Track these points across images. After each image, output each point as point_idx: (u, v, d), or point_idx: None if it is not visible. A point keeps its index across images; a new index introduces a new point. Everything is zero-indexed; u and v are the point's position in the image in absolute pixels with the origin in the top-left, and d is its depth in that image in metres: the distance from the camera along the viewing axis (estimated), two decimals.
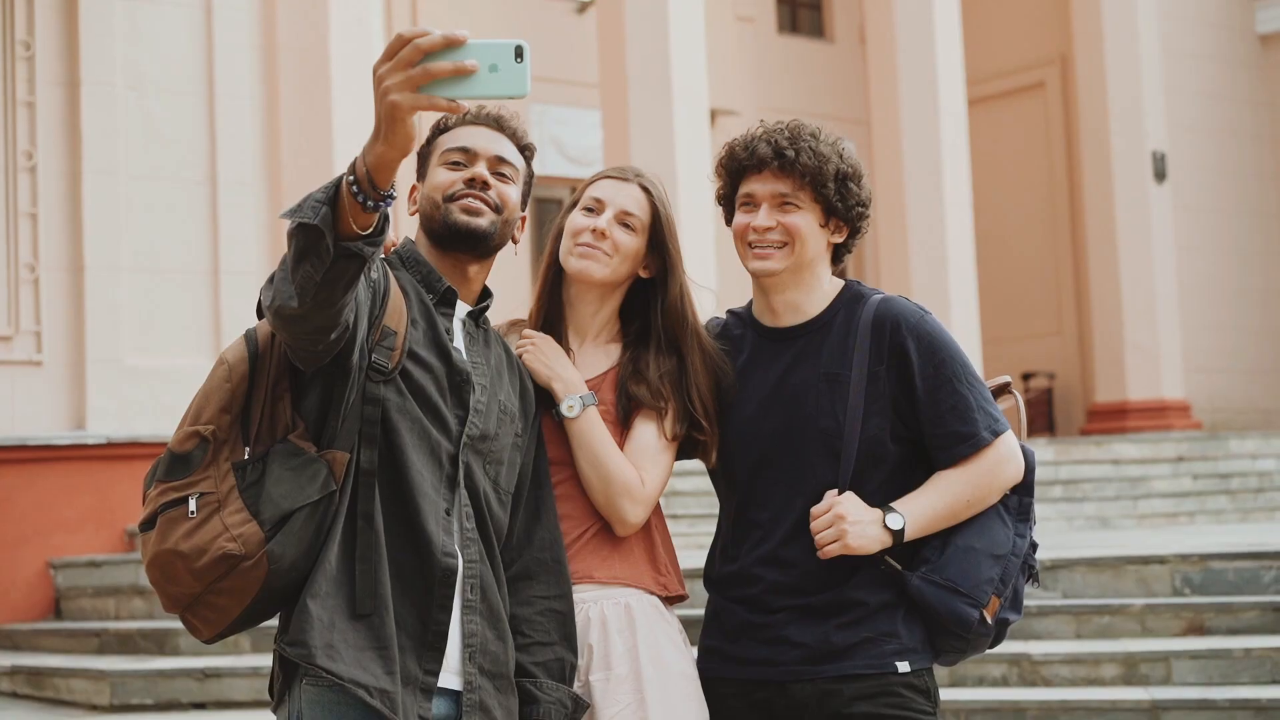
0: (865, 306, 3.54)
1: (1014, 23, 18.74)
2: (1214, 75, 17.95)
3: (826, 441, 3.47)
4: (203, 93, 10.03)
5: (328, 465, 2.96)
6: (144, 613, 8.77)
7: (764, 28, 18.12)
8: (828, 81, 18.36)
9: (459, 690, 3.09)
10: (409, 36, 2.58)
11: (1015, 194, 18.34)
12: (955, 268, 14.49)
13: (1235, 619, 7.26)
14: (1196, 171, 17.54)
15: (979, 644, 3.51)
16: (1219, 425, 16.89)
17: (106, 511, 9.59)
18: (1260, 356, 17.97)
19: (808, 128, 3.54)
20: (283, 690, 3.04)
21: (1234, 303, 17.78)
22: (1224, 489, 13.52)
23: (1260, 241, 18.12)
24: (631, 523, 3.47)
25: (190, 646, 8.07)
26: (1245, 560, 7.59)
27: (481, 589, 3.14)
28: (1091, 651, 7.03)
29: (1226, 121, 17.97)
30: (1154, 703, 6.57)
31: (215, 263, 9.98)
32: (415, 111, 2.60)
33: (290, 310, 2.77)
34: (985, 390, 3.54)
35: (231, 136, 10.14)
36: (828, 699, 3.42)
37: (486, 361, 3.29)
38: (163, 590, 3.01)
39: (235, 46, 10.23)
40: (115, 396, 9.67)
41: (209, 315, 9.97)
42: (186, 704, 7.57)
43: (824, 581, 3.45)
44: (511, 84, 2.59)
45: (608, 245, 3.50)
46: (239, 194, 10.12)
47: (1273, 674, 6.83)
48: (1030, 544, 3.54)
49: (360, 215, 2.70)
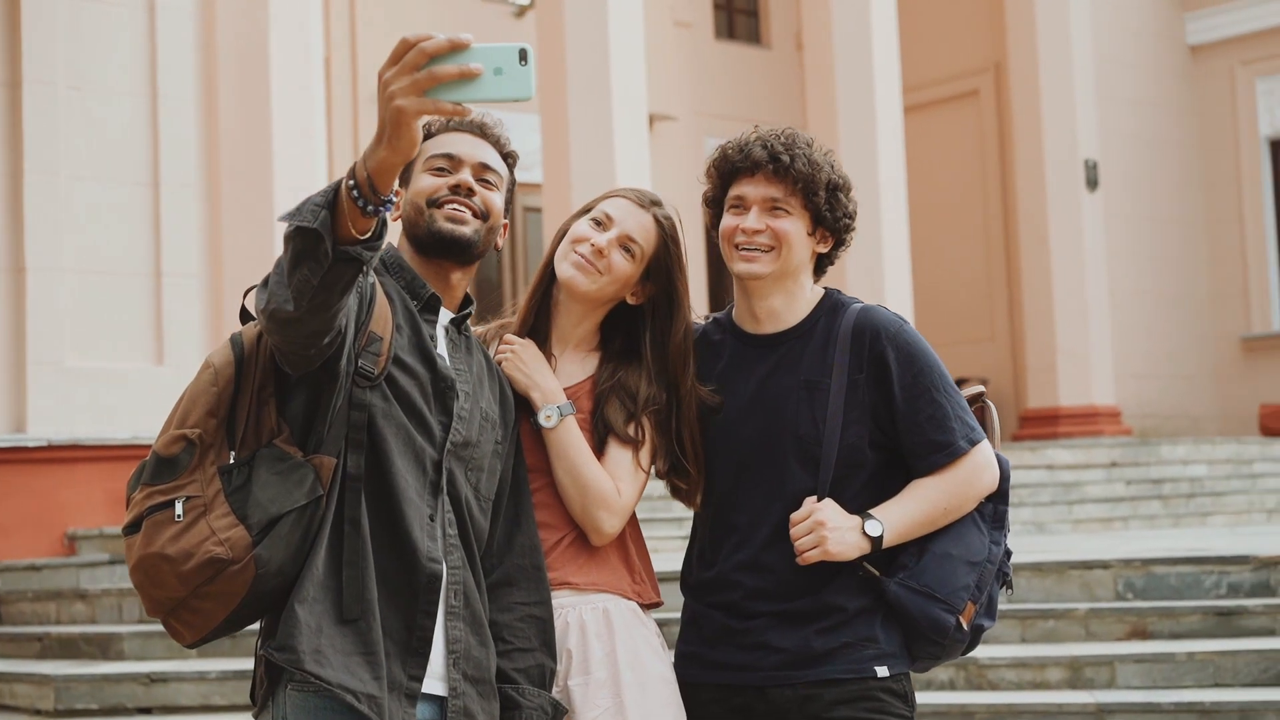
0: (845, 315, 3.57)
1: (949, 31, 18.87)
2: (1145, 85, 18.15)
3: (805, 448, 3.50)
4: (146, 93, 9.95)
5: (315, 470, 2.96)
6: (86, 617, 8.70)
7: (701, 33, 18.18)
8: (764, 87, 18.43)
9: (443, 696, 3.10)
10: (414, 41, 2.58)
11: (949, 201, 18.47)
12: (890, 273, 14.57)
13: (1177, 623, 7.35)
14: (1128, 179, 17.73)
15: (954, 649, 3.55)
16: (1148, 431, 17.07)
17: (47, 514, 9.51)
18: (1187, 363, 18.18)
19: (802, 136, 3.58)
20: (266, 695, 3.03)
21: (1162, 310, 17.98)
22: (1157, 494, 13.67)
23: (1188, 249, 18.33)
24: (607, 533, 3.49)
25: (134, 651, 8.01)
26: (1186, 565, 7.68)
27: (465, 595, 3.16)
28: (1037, 655, 7.10)
29: (1157, 130, 18.17)
30: (1100, 706, 6.64)
31: (157, 265, 9.91)
32: (420, 115, 2.61)
33: (285, 314, 2.77)
34: (962, 400, 3.58)
35: (174, 138, 10.07)
36: (808, 703, 3.45)
37: (469, 368, 3.30)
38: (147, 594, 3.00)
39: (179, 47, 10.16)
40: (56, 398, 9.58)
41: (150, 318, 9.90)
42: (132, 709, 7.50)
43: (803, 587, 3.48)
44: (516, 87, 2.60)
45: (602, 264, 3.52)
46: (182, 196, 10.05)
47: (1215, 677, 6.90)
48: (1005, 551, 3.59)
49: (360, 219, 2.71)
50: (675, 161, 16.76)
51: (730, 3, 18.95)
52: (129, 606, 8.52)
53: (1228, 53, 18.50)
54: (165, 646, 7.97)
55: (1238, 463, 14.88)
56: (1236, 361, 18.35)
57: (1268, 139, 18.38)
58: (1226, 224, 18.47)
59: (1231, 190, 18.45)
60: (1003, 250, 18.27)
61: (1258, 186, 18.35)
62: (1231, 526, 13.20)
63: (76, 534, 9.48)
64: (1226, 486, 14.31)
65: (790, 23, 18.72)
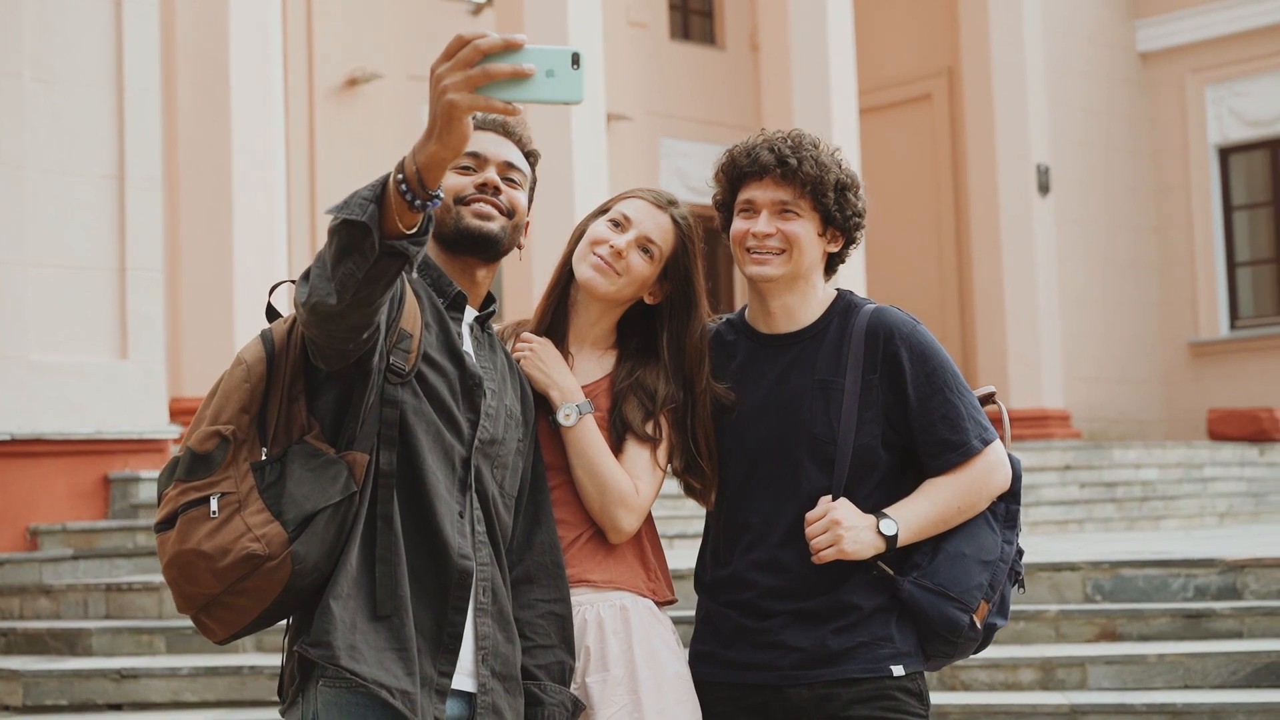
0: (859, 316, 3.61)
1: (902, 35, 18.98)
2: (1096, 91, 18.30)
3: (819, 448, 3.53)
4: (112, 87, 9.87)
5: (349, 467, 2.97)
6: (50, 612, 8.63)
7: (657, 33, 18.19)
8: (719, 88, 18.47)
9: (471, 692, 3.11)
10: (469, 38, 2.60)
11: (902, 204, 18.56)
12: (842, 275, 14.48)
13: (1146, 625, 7.42)
14: (1078, 185, 17.87)
15: (966, 648, 3.59)
16: (1096, 434, 17.21)
17: (10, 509, 9.42)
18: (1135, 367, 18.34)
19: (809, 137, 3.61)
20: (297, 692, 3.03)
21: (1112, 314, 18.14)
22: (1110, 497, 13.79)
23: (1138, 255, 18.50)
24: (625, 531, 3.52)
25: (103, 647, 7.95)
26: (1154, 568, 7.75)
27: (493, 591, 3.17)
28: (1009, 657, 7.15)
29: (1108, 136, 18.33)
30: (1073, 707, 6.70)
31: (122, 259, 9.83)
32: (472, 111, 2.63)
33: (328, 307, 2.78)
34: (974, 399, 3.62)
35: (141, 132, 9.99)
36: (825, 703, 3.48)
37: (494, 366, 3.32)
38: (180, 590, 2.99)
39: (145, 40, 10.08)
40: (19, 393, 9.49)
41: (115, 312, 9.82)
42: (102, 705, 7.45)
43: (818, 586, 3.51)
44: (567, 90, 2.61)
45: (621, 265, 3.54)
46: (148, 190, 9.97)
47: (1185, 679, 6.97)
48: (1017, 549, 3.64)
49: (407, 214, 2.72)
50: (631, 162, 16.78)
51: (685, 3, 18.98)
52: (94, 602, 8.47)
53: (1178, 61, 18.68)
54: (134, 642, 7.93)
55: (1188, 466, 15.03)
56: (1184, 366, 18.54)
57: (1216, 147, 18.58)
58: (1176, 230, 18.66)
59: (1181, 197, 18.64)
60: (954, 254, 18.39)
61: (1207, 193, 18.54)
62: (1185, 530, 13.34)
63: (39, 529, 9.40)
64: (1178, 490, 14.46)
65: (745, 24, 18.76)
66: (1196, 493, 14.63)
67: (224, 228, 11.70)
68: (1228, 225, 18.62)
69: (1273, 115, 18.18)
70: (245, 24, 11.82)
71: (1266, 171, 18.54)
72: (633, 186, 3.82)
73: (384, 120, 15.89)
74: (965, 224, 17.86)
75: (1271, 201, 18.54)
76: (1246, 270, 18.64)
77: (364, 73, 15.59)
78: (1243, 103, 18.31)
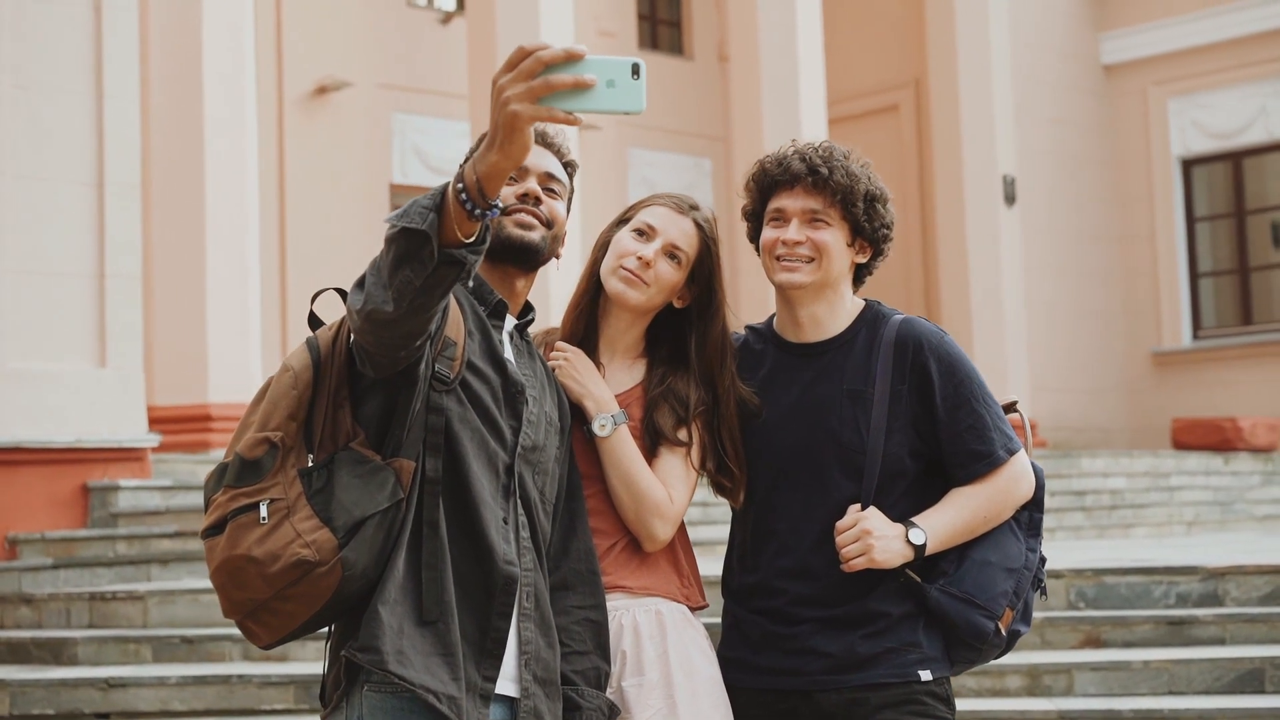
0: (887, 326, 3.64)
1: (870, 46, 19.07)
2: (1062, 103, 18.44)
3: (848, 456, 3.57)
4: (91, 93, 9.83)
5: (395, 473, 3.00)
6: (32, 621, 8.59)
7: (625, 43, 18.23)
8: (687, 98, 18.53)
9: (514, 697, 3.14)
10: (530, 49, 2.63)
11: None
12: None
13: (1130, 632, 7.49)
14: (1044, 196, 17.99)
15: (991, 654, 3.64)
16: (1060, 444, 17.32)
17: None
18: (1099, 377, 18.47)
19: (839, 148, 3.64)
20: (341, 696, 3.04)
21: (1076, 324, 18.26)
22: (1080, 506, 13.88)
23: (1103, 265, 18.63)
24: (661, 540, 3.55)
25: (88, 656, 7.92)
26: (1136, 575, 7.83)
27: (536, 597, 3.20)
28: (996, 663, 7.14)
29: (1073, 148, 18.47)
30: (1060, 713, 6.76)
31: (101, 266, 9.79)
32: (535, 122, 2.66)
33: (384, 315, 2.80)
34: (999, 410, 3.67)
35: (120, 139, 9.94)
36: (855, 707, 3.52)
37: (534, 373, 3.35)
38: (228, 595, 3.01)
39: (125, 47, 10.05)
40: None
41: (94, 319, 9.77)
42: (90, 714, 7.43)
43: (848, 594, 3.55)
44: (628, 100, 2.64)
45: (649, 275, 3.56)
46: (127, 197, 9.93)
47: (1169, 685, 7.05)
48: (1040, 557, 3.68)
49: (465, 223, 2.75)
50: (600, 172, 16.79)
51: (654, 13, 19.04)
52: (77, 611, 8.43)
53: (1141, 73, 18.84)
54: (119, 651, 7.91)
55: (1155, 475, 15.14)
56: (1148, 375, 18.68)
57: (1180, 158, 18.73)
58: (1140, 241, 18.80)
59: (1144, 208, 18.79)
60: (921, 263, 18.48)
61: (1170, 205, 18.69)
62: (1156, 538, 13.46)
63: (18, 538, 9.35)
64: (1146, 499, 14.57)
65: (713, 34, 18.83)
66: (1164, 501, 14.74)
67: (196, 234, 11.65)
68: (1190, 236, 18.79)
69: (1235, 128, 18.35)
70: (218, 31, 11.79)
71: (1228, 183, 18.71)
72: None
73: (353, 128, 15.89)
74: (932, 234, 17.96)
75: (1233, 213, 18.71)
76: (1209, 281, 18.81)
77: (333, 80, 15.57)
78: (1205, 115, 18.47)
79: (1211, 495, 15.27)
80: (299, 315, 15.06)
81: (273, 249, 14.92)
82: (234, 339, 11.63)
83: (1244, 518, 15.00)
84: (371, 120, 16.04)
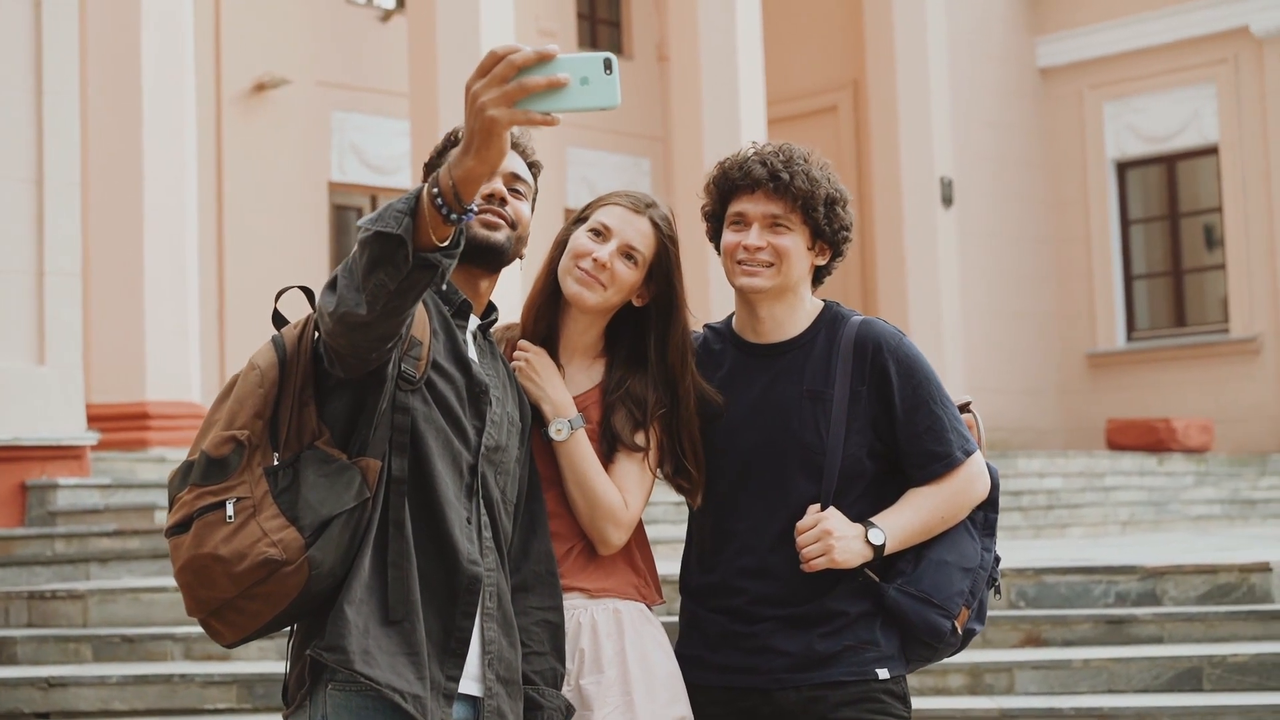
0: (846, 327, 3.66)
1: (808, 47, 19.15)
2: (998, 105, 18.59)
3: (808, 457, 3.59)
4: (31, 89, 9.75)
5: (361, 473, 3.00)
6: None
7: (564, 42, 18.20)
8: (627, 97, 18.47)
9: (477, 696, 3.15)
10: (503, 53, 2.64)
11: None
12: None
13: (1070, 631, 7.54)
14: (981, 198, 18.14)
15: (946, 652, 3.68)
16: (996, 444, 17.41)
17: None
18: (1034, 377, 18.63)
19: (799, 150, 3.66)
20: (305, 695, 3.04)
21: (1012, 325, 18.42)
22: (1016, 506, 13.97)
23: (1038, 267, 18.80)
24: (614, 545, 3.56)
25: (28, 655, 7.85)
26: (1076, 575, 7.89)
27: (498, 597, 3.21)
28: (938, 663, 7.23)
29: (1009, 150, 18.62)
30: (1002, 712, 6.81)
31: (40, 264, 9.71)
32: (511, 126, 2.67)
33: (357, 318, 2.81)
34: (956, 411, 3.70)
35: (60, 135, 9.87)
36: (813, 705, 3.54)
37: (497, 373, 3.36)
38: (193, 594, 3.01)
39: (64, 43, 9.97)
40: None
41: (33, 317, 9.70)
42: (30, 714, 7.36)
43: (807, 593, 3.57)
44: (602, 96, 2.65)
45: (605, 276, 3.55)
46: (67, 194, 9.86)
47: (1109, 684, 7.11)
48: (994, 556, 3.72)
49: (440, 227, 2.76)
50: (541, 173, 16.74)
51: (593, 12, 19.05)
52: (15, 610, 8.35)
53: (1077, 76, 19.02)
54: (60, 650, 7.84)
55: (1090, 475, 15.27)
56: (1082, 377, 18.86)
57: (1114, 161, 18.93)
58: (1075, 243, 18.98)
59: (1079, 210, 18.97)
60: (858, 264, 18.55)
61: (1105, 207, 18.88)
62: (1092, 538, 13.56)
63: None
64: (1081, 499, 14.69)
65: (652, 34, 18.87)
66: (1099, 501, 14.87)
67: (134, 232, 11.58)
68: (1125, 239, 18.99)
69: (1169, 131, 18.55)
70: (156, 28, 11.72)
71: (1162, 186, 18.92)
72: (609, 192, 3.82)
73: (291, 126, 15.83)
74: (870, 235, 18.04)
75: (1167, 215, 18.93)
76: (1143, 283, 19.01)
77: (272, 78, 15.50)
78: (1140, 119, 18.67)
79: (1146, 495, 15.41)
80: (237, 313, 15.00)
81: (210, 247, 14.83)
82: (172, 337, 11.57)
83: (1178, 518, 15.13)
84: (310, 118, 15.98)
